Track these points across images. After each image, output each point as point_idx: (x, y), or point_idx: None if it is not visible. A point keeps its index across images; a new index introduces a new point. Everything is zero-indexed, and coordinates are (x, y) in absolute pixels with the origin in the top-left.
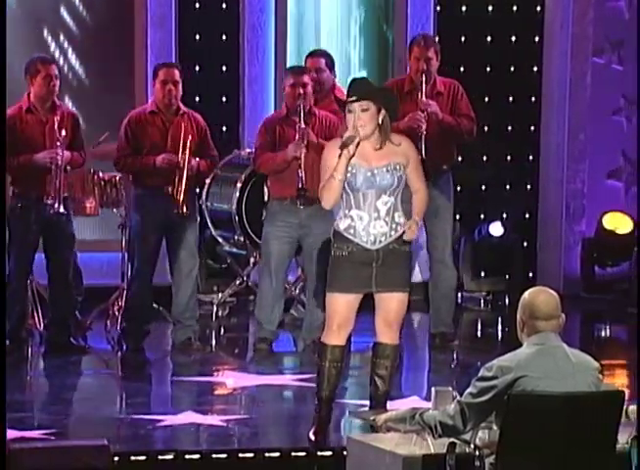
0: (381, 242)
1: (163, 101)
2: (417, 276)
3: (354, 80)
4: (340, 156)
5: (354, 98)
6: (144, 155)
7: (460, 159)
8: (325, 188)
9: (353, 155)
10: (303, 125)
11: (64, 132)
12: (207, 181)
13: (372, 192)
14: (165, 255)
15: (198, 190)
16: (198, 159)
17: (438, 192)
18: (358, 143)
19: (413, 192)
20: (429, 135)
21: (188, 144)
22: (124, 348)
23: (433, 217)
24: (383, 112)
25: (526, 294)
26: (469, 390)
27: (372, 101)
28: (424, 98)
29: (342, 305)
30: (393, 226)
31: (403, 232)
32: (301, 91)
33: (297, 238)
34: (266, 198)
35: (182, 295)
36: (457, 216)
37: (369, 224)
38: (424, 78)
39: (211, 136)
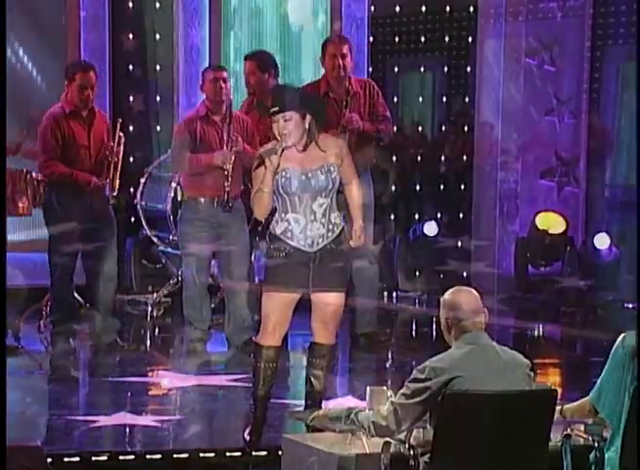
0: (318, 244)
1: (80, 105)
2: None
3: (276, 89)
4: (264, 167)
5: (276, 109)
6: (74, 162)
7: (395, 159)
8: (255, 201)
9: (278, 165)
10: (235, 135)
11: None
12: (142, 181)
13: (307, 195)
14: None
15: (132, 190)
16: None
17: None
18: (282, 152)
19: (345, 184)
20: (349, 145)
21: (116, 137)
22: (55, 348)
23: None
24: (308, 117)
25: (447, 295)
26: (402, 391)
27: (294, 110)
28: (348, 112)
29: (278, 305)
30: (330, 227)
31: (340, 232)
32: (222, 85)
33: (215, 237)
34: (180, 198)
35: (107, 296)
36: (392, 216)
37: (306, 227)
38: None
39: (146, 136)
